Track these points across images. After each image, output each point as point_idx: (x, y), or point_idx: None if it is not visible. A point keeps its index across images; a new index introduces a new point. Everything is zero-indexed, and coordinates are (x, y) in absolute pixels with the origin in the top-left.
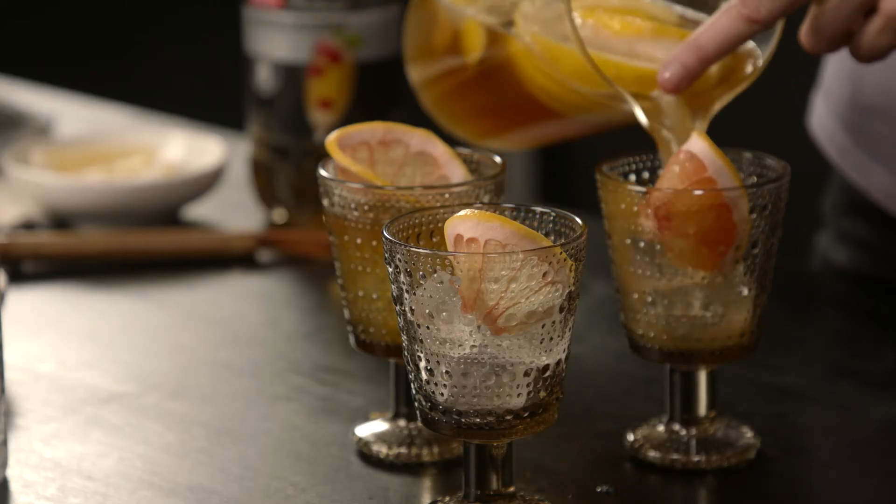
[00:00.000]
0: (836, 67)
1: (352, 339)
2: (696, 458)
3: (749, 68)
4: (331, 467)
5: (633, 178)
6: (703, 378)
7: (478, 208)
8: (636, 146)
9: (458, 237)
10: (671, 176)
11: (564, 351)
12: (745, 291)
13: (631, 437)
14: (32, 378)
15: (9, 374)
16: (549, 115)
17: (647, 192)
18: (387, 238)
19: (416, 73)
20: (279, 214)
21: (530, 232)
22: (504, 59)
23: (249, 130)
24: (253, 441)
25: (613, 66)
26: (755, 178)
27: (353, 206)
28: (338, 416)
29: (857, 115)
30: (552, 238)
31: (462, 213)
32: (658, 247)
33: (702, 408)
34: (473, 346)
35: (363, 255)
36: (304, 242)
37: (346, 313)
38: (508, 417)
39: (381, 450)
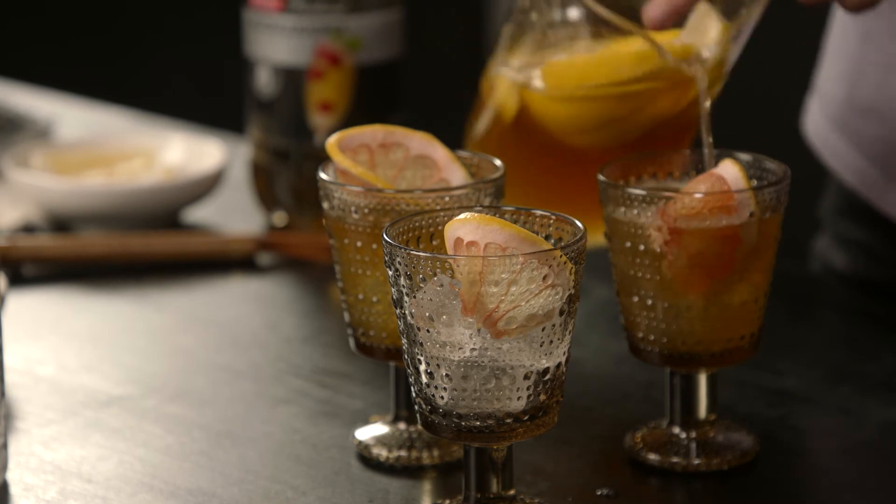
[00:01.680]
0: (833, 68)
1: (352, 342)
2: (696, 461)
3: None
4: (331, 470)
5: (633, 180)
6: (703, 381)
7: (477, 212)
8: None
9: (458, 241)
10: (696, 195)
11: (564, 354)
12: (745, 294)
13: (631, 440)
14: (32, 381)
15: (9, 377)
16: (582, 157)
17: (667, 205)
18: (387, 241)
19: (472, 130)
20: (279, 217)
21: (530, 235)
22: (531, 110)
23: (249, 133)
24: (253, 444)
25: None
26: (755, 182)
27: (353, 209)
28: (338, 420)
29: (852, 117)
30: (552, 241)
31: (462, 216)
32: (658, 249)
33: (702, 411)
34: (473, 350)
35: (363, 258)
36: (304, 245)
37: (346, 316)
38: (508, 420)
39: (381, 453)
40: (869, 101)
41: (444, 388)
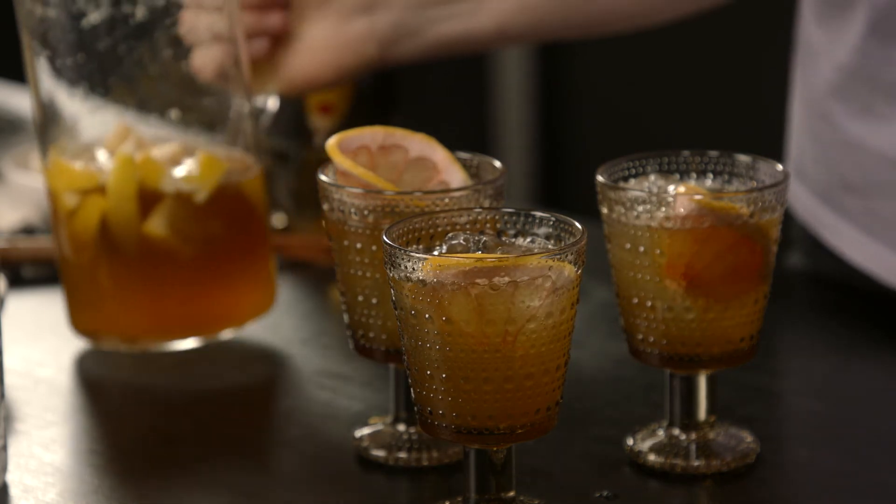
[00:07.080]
0: (808, 152)
1: (351, 343)
2: (696, 463)
3: None
4: (331, 471)
5: (632, 181)
6: (702, 383)
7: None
8: (634, 148)
9: (441, 283)
10: (696, 196)
11: (564, 356)
12: (745, 296)
13: (631, 442)
14: (32, 383)
15: (8, 379)
16: None
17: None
18: (386, 243)
19: None
20: (279, 219)
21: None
22: None
23: None
24: (253, 445)
25: None
26: (754, 183)
27: (352, 210)
28: (338, 421)
29: (838, 194)
30: (552, 242)
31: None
32: (658, 251)
33: (702, 412)
34: (473, 351)
35: (363, 260)
36: (303, 247)
37: (346, 318)
38: (508, 422)
39: (381, 454)
40: (848, 180)
41: (444, 390)
